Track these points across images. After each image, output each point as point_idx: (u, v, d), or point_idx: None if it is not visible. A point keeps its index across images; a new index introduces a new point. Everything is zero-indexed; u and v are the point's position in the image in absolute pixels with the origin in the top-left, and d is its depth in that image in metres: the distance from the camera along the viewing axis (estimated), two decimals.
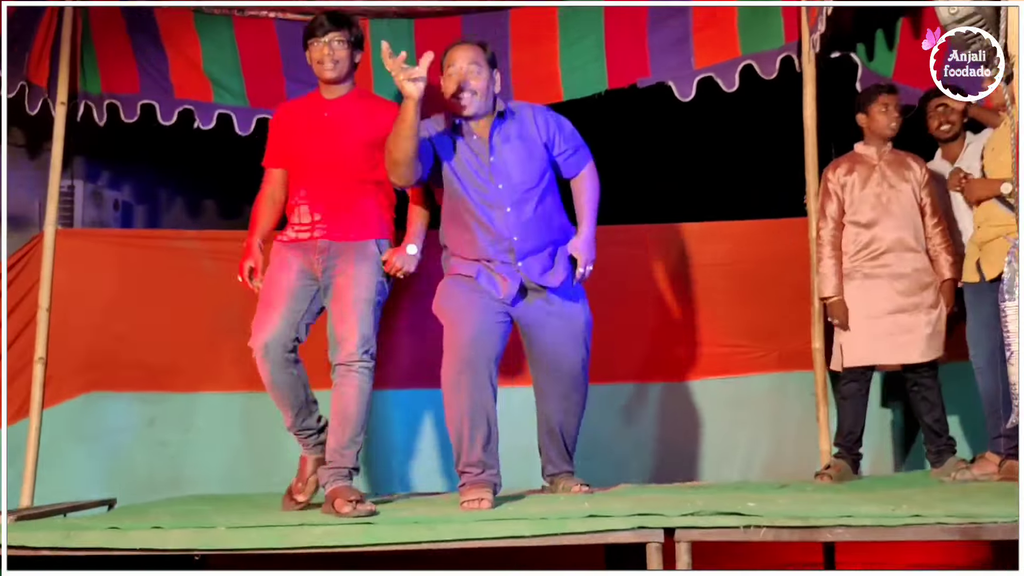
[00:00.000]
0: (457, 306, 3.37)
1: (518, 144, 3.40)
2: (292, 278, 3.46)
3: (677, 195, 5.73)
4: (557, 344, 3.46)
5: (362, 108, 3.59)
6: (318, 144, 3.55)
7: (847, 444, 3.94)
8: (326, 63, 3.52)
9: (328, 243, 3.46)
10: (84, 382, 4.26)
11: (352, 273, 3.41)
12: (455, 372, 3.25)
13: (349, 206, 3.50)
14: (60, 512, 3.60)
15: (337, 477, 3.27)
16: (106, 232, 4.92)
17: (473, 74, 3.29)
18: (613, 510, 2.82)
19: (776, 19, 4.29)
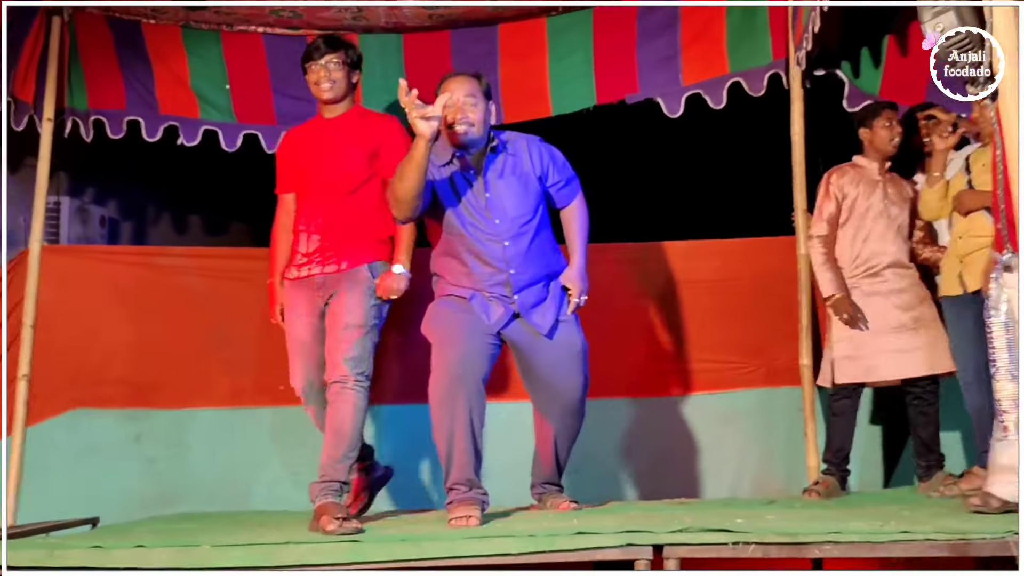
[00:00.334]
0: (447, 325, 3.33)
1: (513, 180, 3.36)
2: (305, 323, 3.56)
3: (665, 212, 5.75)
4: (554, 369, 3.41)
5: (362, 125, 3.64)
6: (320, 163, 3.60)
7: (836, 460, 3.93)
8: (323, 84, 3.59)
9: (324, 278, 3.54)
10: (69, 399, 4.23)
11: (344, 300, 3.48)
12: (444, 390, 3.22)
13: (347, 227, 3.55)
14: (43, 531, 3.56)
15: (327, 492, 3.29)
16: (92, 248, 4.90)
17: (470, 106, 3.26)
18: (601, 527, 2.81)
19: (764, 37, 4.32)
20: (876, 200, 3.95)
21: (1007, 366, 2.62)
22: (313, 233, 3.58)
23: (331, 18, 4.36)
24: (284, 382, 4.11)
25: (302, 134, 3.74)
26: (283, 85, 4.55)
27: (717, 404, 4.33)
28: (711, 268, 4.40)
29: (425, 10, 4.28)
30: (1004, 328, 2.63)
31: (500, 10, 4.34)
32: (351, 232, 3.55)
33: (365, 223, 3.57)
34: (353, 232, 3.55)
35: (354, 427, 3.38)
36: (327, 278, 3.53)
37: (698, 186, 5.92)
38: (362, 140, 3.58)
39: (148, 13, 4.35)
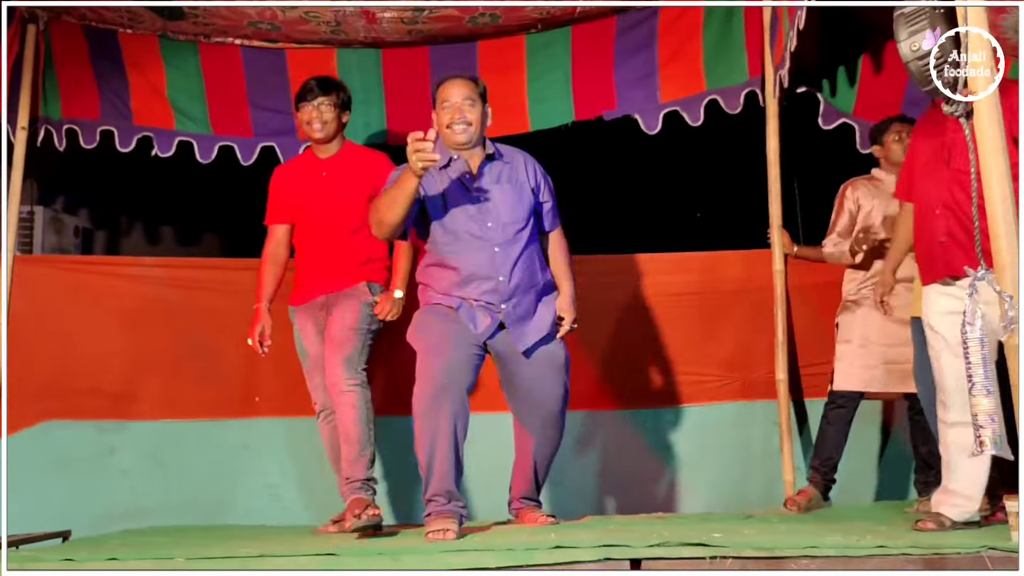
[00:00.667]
0: (433, 335, 3.32)
1: (508, 187, 3.39)
2: (316, 341, 3.74)
3: (642, 226, 5.78)
4: (535, 381, 3.42)
5: (355, 163, 3.82)
6: (320, 201, 3.76)
7: (823, 469, 3.93)
8: (314, 124, 3.75)
9: (325, 298, 3.73)
10: (42, 410, 4.18)
11: (341, 309, 3.67)
12: (428, 400, 3.21)
13: (349, 261, 3.73)
14: (13, 544, 3.50)
15: (352, 491, 3.51)
16: (65, 258, 4.86)
17: (467, 107, 3.33)
18: (579, 541, 2.80)
19: (740, 55, 4.36)
20: (892, 213, 3.92)
21: (983, 381, 2.65)
22: (318, 266, 3.76)
23: (309, 31, 4.36)
24: (259, 393, 4.11)
25: (297, 171, 3.88)
26: (260, 97, 4.55)
27: (693, 417, 4.35)
28: (687, 281, 4.43)
29: (404, 26, 4.29)
30: (979, 343, 2.66)
31: (480, 27, 4.36)
32: (353, 264, 3.74)
33: (365, 256, 3.75)
34: (355, 264, 3.74)
35: (359, 426, 3.54)
36: (328, 297, 3.73)
37: (675, 201, 5.96)
38: (360, 181, 3.73)
39: (125, 23, 4.32)
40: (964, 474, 3.13)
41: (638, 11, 4.42)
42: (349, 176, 3.76)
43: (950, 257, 3.12)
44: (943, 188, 3.15)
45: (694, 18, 4.39)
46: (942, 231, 3.14)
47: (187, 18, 4.22)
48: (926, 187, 3.23)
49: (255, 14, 4.14)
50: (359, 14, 4.14)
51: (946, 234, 3.13)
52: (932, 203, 3.18)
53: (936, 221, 3.16)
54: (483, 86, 3.42)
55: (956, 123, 3.08)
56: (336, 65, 4.54)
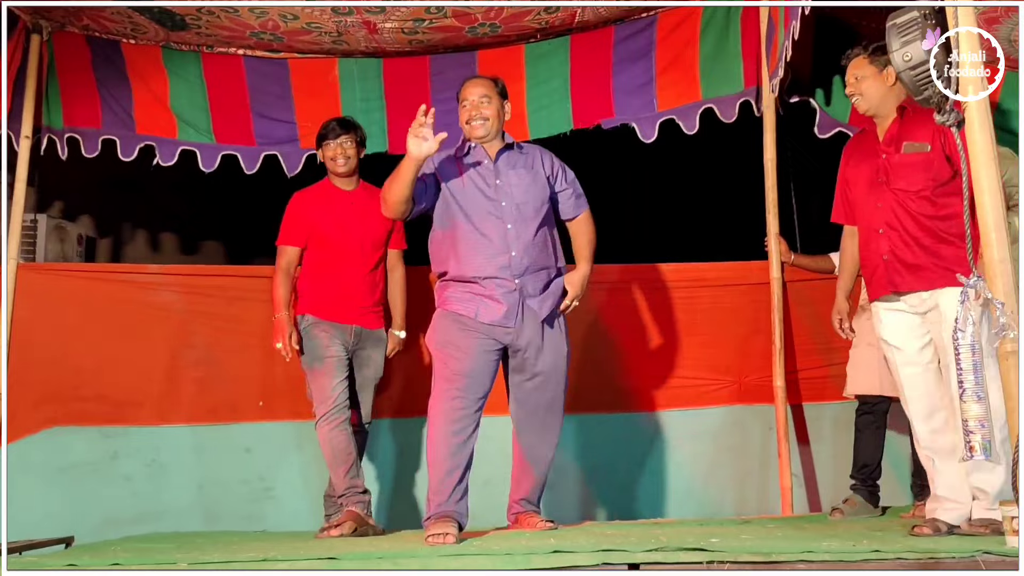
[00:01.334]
0: (451, 342, 3.43)
1: (523, 171, 3.55)
2: (339, 351, 3.89)
3: (640, 235, 5.81)
4: (542, 373, 3.50)
5: (375, 201, 3.87)
6: (348, 232, 3.96)
7: (861, 477, 3.95)
8: (339, 159, 3.97)
9: (360, 329, 3.95)
10: (45, 417, 4.21)
11: (375, 357, 3.99)
12: (446, 411, 3.33)
13: (371, 292, 4.00)
14: (16, 550, 3.53)
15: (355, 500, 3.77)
16: (68, 266, 4.89)
17: (485, 104, 3.51)
18: (578, 546, 2.83)
19: (736, 65, 4.40)
20: None
21: (973, 387, 2.67)
22: (349, 290, 3.95)
23: (311, 42, 4.40)
24: (262, 398, 4.14)
25: (322, 198, 4.01)
26: (263, 107, 4.58)
27: (690, 421, 4.40)
28: (684, 289, 4.47)
29: (405, 36, 4.33)
30: (971, 349, 2.69)
31: (479, 37, 4.39)
32: (376, 293, 4.01)
33: (382, 285, 4.04)
34: (377, 294, 4.02)
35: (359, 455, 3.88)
36: (362, 331, 3.96)
37: (672, 210, 5.99)
38: (382, 220, 3.88)
39: (128, 33, 4.36)
40: (947, 480, 3.18)
41: (636, 21, 4.46)
42: (373, 209, 3.87)
43: (893, 274, 3.21)
44: (885, 209, 3.24)
45: (691, 28, 4.43)
46: (886, 249, 3.23)
47: (190, 28, 4.26)
48: (868, 209, 3.32)
49: (257, 25, 4.17)
50: (360, 24, 4.18)
51: (889, 252, 3.22)
52: (875, 224, 3.27)
53: (880, 240, 3.25)
54: (502, 84, 3.60)
55: (888, 147, 3.23)
56: (338, 75, 4.58)
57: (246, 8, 4.00)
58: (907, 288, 3.19)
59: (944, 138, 3.11)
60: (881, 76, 3.27)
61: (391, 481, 4.36)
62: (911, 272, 3.17)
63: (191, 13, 4.07)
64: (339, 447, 3.79)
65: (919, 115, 3.18)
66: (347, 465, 3.79)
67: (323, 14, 4.07)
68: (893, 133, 3.27)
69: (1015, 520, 2.62)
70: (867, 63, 3.30)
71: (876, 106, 3.31)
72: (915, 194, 3.18)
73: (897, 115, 3.28)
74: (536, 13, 4.21)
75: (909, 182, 3.19)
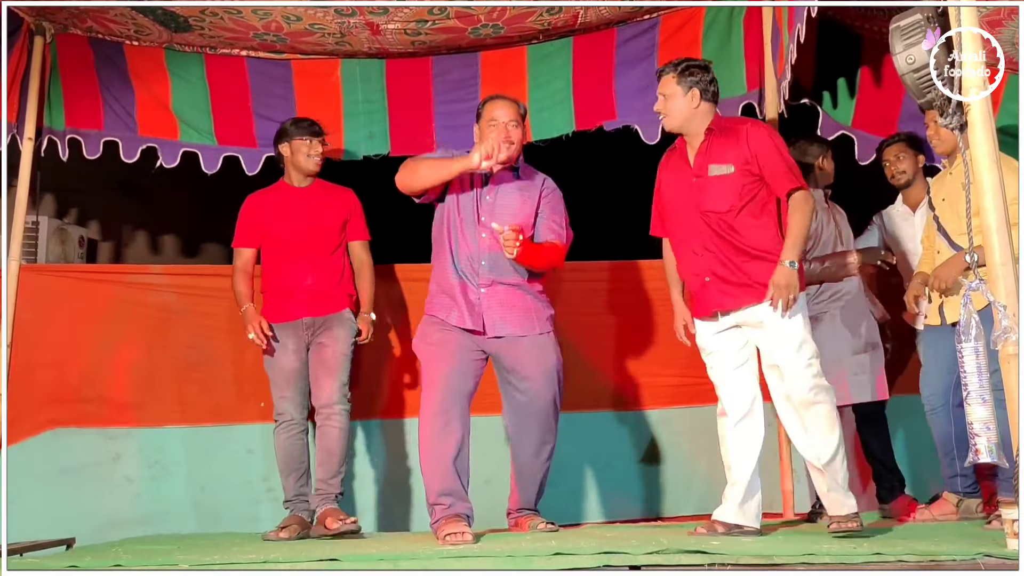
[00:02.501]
0: (433, 344, 3.53)
1: (514, 188, 3.63)
2: (294, 357, 3.94)
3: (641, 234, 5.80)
4: (529, 380, 3.53)
5: (328, 193, 4.14)
6: (301, 224, 4.02)
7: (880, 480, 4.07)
8: (315, 157, 4.07)
9: (312, 319, 3.98)
10: (47, 418, 4.21)
11: (332, 334, 3.95)
12: (432, 406, 3.41)
13: (329, 283, 4.02)
14: (18, 552, 3.53)
15: (326, 501, 3.79)
16: (70, 267, 4.89)
17: (512, 129, 3.59)
18: (579, 548, 2.83)
19: (739, 68, 4.40)
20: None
21: (978, 390, 2.68)
22: (300, 287, 3.99)
23: (314, 43, 4.40)
24: (263, 399, 4.15)
25: (273, 199, 4.10)
26: (265, 108, 4.58)
27: (690, 419, 4.39)
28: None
29: (408, 37, 4.33)
30: (975, 353, 2.69)
31: (482, 38, 4.40)
32: (332, 286, 4.03)
33: (341, 279, 4.06)
34: (334, 286, 4.03)
35: (343, 446, 3.85)
36: (315, 320, 3.97)
37: None
38: (335, 211, 4.08)
39: (131, 35, 4.37)
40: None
41: (638, 23, 4.46)
42: (326, 203, 4.08)
43: (718, 294, 3.33)
44: (696, 228, 3.35)
45: (694, 30, 4.43)
46: (706, 271, 3.34)
47: (193, 30, 4.26)
48: (682, 228, 3.43)
49: (261, 26, 4.18)
50: (363, 25, 4.18)
51: (710, 272, 3.33)
52: (691, 244, 3.38)
53: (698, 261, 3.36)
54: (524, 108, 3.72)
55: (699, 170, 3.35)
56: (340, 76, 4.58)
57: (249, 10, 4.00)
58: (733, 307, 3.31)
59: (753, 156, 3.26)
60: (686, 97, 3.37)
61: (384, 482, 4.36)
62: (736, 289, 3.28)
63: (194, 15, 4.07)
64: (292, 455, 3.89)
65: (724, 137, 3.33)
66: (298, 473, 3.89)
67: (326, 15, 4.07)
68: (701, 156, 3.37)
69: (1016, 523, 2.62)
70: (674, 82, 3.40)
71: (681, 125, 3.43)
72: (723, 214, 3.29)
73: (704, 137, 3.37)
74: (539, 14, 4.21)
75: (717, 203, 3.31)
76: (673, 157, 3.52)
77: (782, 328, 3.23)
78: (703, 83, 3.37)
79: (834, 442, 3.23)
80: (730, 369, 3.38)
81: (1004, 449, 2.69)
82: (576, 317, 4.26)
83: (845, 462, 3.27)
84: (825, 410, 3.24)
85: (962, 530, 3.36)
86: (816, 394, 3.23)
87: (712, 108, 3.40)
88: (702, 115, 3.37)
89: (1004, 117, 4.00)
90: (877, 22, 4.12)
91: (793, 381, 3.24)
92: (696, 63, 3.42)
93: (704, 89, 3.36)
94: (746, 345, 3.38)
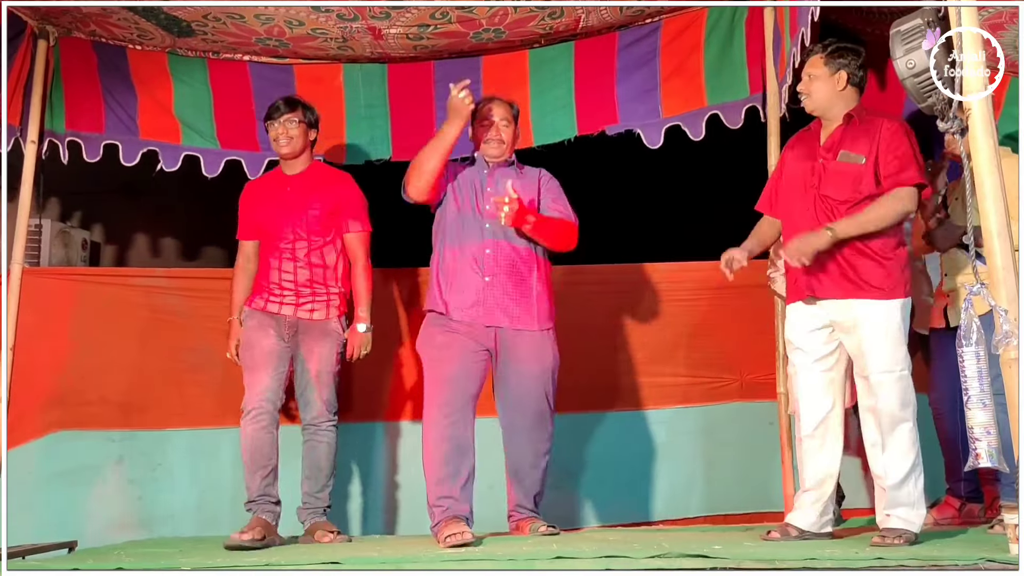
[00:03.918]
0: (437, 345, 3.55)
1: (515, 180, 3.69)
2: (273, 339, 3.81)
3: (644, 238, 5.81)
4: (525, 378, 3.56)
5: (320, 178, 3.97)
6: (282, 216, 3.88)
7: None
8: (280, 140, 3.90)
9: (296, 321, 3.84)
10: (49, 421, 4.22)
11: (318, 350, 3.81)
12: (437, 408, 3.43)
13: (314, 277, 3.86)
14: (19, 555, 3.53)
15: (315, 515, 3.76)
16: (73, 270, 4.89)
17: (503, 127, 3.73)
18: (580, 552, 2.84)
19: (741, 71, 4.40)
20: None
21: (978, 394, 2.68)
22: (284, 279, 3.86)
23: (317, 48, 4.41)
24: None
25: (265, 187, 4.03)
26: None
27: (691, 418, 4.42)
28: (686, 288, 4.52)
29: (410, 41, 4.33)
30: (975, 357, 2.69)
31: (484, 42, 4.40)
32: (319, 281, 3.87)
33: (330, 273, 3.89)
34: (321, 282, 3.87)
35: (331, 461, 3.80)
36: (299, 322, 3.84)
37: (677, 214, 5.99)
38: (324, 197, 3.90)
39: (135, 39, 4.38)
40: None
41: (640, 27, 4.46)
42: (314, 190, 3.90)
43: (813, 280, 3.24)
44: (808, 212, 3.27)
45: (696, 34, 4.43)
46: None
47: (196, 35, 4.27)
48: (792, 209, 3.35)
49: (263, 31, 4.18)
50: (366, 30, 4.19)
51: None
52: (801, 226, 3.28)
53: None
54: (517, 109, 3.84)
55: (827, 152, 3.27)
56: (343, 80, 4.59)
57: (252, 15, 4.01)
58: (825, 295, 3.22)
59: (878, 154, 3.17)
60: (832, 79, 3.29)
61: (387, 486, 4.37)
62: (834, 279, 3.19)
63: (197, 19, 4.08)
64: (260, 449, 3.66)
65: (864, 125, 3.24)
66: (265, 470, 3.67)
67: (328, 20, 4.08)
68: (834, 139, 3.30)
69: (1016, 528, 2.62)
70: (821, 63, 3.32)
71: (822, 107, 3.34)
72: (839, 203, 3.21)
73: (843, 122, 3.30)
74: (540, 19, 4.21)
75: (836, 191, 3.23)
76: (805, 137, 3.44)
77: (875, 332, 3.11)
78: (852, 67, 3.28)
79: (907, 465, 3.08)
80: (810, 372, 3.27)
81: (1005, 453, 2.69)
82: (579, 319, 4.25)
83: (920, 481, 3.11)
84: (907, 428, 3.10)
85: (964, 535, 3.35)
86: (903, 410, 3.10)
87: (857, 94, 3.30)
88: (845, 99, 3.29)
89: (1007, 123, 4.01)
90: (879, 26, 4.11)
91: (881, 394, 3.09)
92: (847, 46, 3.31)
93: (852, 73, 3.27)
94: (835, 352, 3.26)
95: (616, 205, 5.92)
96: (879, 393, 3.10)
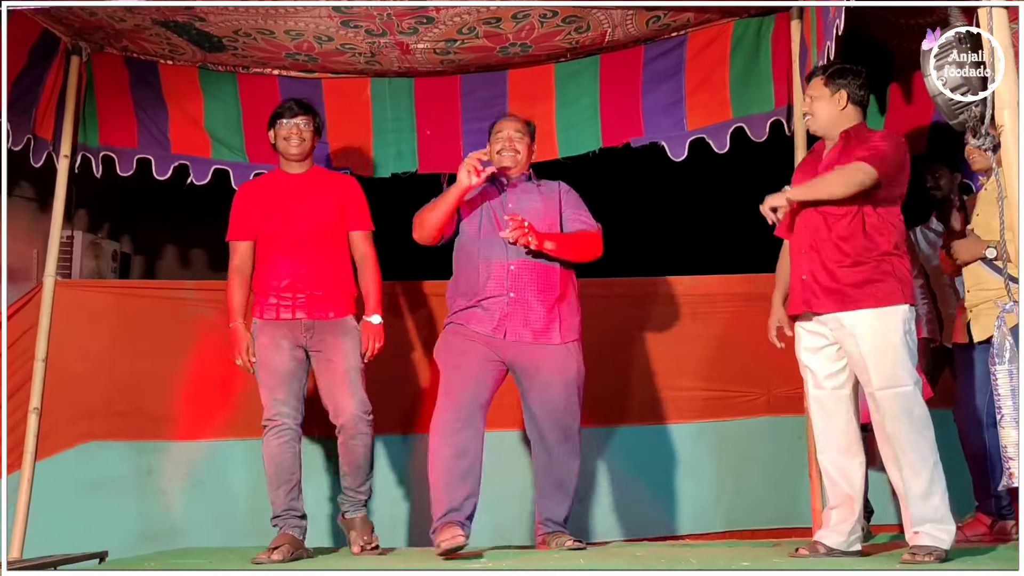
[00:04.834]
0: (452, 353, 3.58)
1: (536, 196, 3.75)
2: (288, 356, 3.75)
3: (669, 250, 5.80)
4: (550, 391, 3.56)
5: (324, 180, 3.96)
6: (290, 218, 3.82)
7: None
8: (292, 139, 3.85)
9: (312, 323, 3.76)
10: (81, 432, 4.27)
11: (340, 346, 3.75)
12: (445, 414, 3.45)
13: (326, 276, 3.81)
14: (51, 565, 3.57)
15: (356, 508, 3.76)
16: (104, 282, 4.95)
17: (516, 139, 3.76)
18: (606, 566, 2.83)
19: (767, 84, 4.39)
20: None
21: (1012, 412, 2.66)
22: (295, 280, 3.78)
23: (345, 62, 4.44)
24: None
25: (265, 187, 3.95)
26: None
27: (719, 433, 4.42)
28: (711, 302, 4.52)
29: (437, 56, 4.36)
30: (1008, 375, 2.67)
31: (510, 56, 4.42)
32: (330, 280, 3.81)
33: (340, 272, 3.85)
34: (332, 281, 3.82)
35: (369, 459, 3.76)
36: (315, 323, 3.76)
37: (702, 226, 5.99)
38: (330, 195, 3.88)
39: (166, 54, 4.43)
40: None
41: (665, 40, 4.46)
42: (320, 189, 3.88)
43: (808, 295, 3.23)
44: (810, 229, 3.26)
45: (721, 47, 4.43)
46: (805, 269, 3.25)
47: (226, 51, 4.32)
48: (797, 225, 3.34)
49: (293, 46, 4.22)
50: (394, 45, 4.22)
51: (808, 272, 3.24)
52: (801, 242, 3.30)
53: (802, 259, 3.28)
54: (533, 127, 3.86)
55: (825, 169, 3.26)
56: (371, 94, 4.62)
57: (282, 30, 4.04)
58: (820, 309, 3.20)
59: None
60: (833, 99, 3.30)
61: (411, 499, 4.39)
62: (822, 291, 3.19)
63: (228, 35, 4.12)
64: (283, 464, 3.66)
65: (857, 141, 3.24)
66: (289, 485, 3.66)
67: (357, 35, 4.11)
68: (832, 157, 3.30)
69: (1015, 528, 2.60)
70: (822, 84, 3.33)
71: (824, 127, 3.35)
72: (838, 217, 3.19)
73: (840, 139, 3.30)
74: (567, 33, 4.23)
75: (833, 204, 3.19)
76: (810, 159, 3.48)
77: (869, 345, 3.07)
78: (852, 86, 3.29)
79: (924, 480, 3.00)
80: (820, 391, 3.25)
81: None
82: (604, 332, 4.26)
83: (945, 495, 3.02)
84: (918, 444, 3.01)
85: (995, 552, 3.32)
86: (911, 425, 3.01)
87: (859, 113, 3.31)
88: (847, 118, 3.29)
89: None
90: (907, 39, 4.10)
91: (884, 411, 3.04)
92: (847, 66, 3.33)
93: (853, 92, 3.29)
94: (845, 369, 3.22)
95: (641, 217, 5.91)
96: (882, 410, 3.05)
